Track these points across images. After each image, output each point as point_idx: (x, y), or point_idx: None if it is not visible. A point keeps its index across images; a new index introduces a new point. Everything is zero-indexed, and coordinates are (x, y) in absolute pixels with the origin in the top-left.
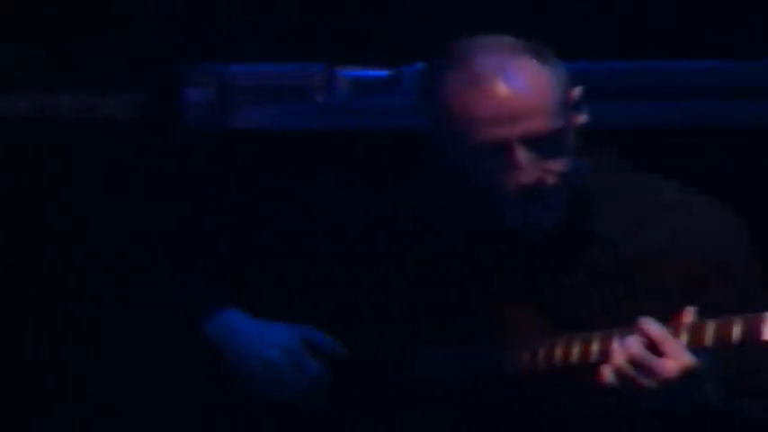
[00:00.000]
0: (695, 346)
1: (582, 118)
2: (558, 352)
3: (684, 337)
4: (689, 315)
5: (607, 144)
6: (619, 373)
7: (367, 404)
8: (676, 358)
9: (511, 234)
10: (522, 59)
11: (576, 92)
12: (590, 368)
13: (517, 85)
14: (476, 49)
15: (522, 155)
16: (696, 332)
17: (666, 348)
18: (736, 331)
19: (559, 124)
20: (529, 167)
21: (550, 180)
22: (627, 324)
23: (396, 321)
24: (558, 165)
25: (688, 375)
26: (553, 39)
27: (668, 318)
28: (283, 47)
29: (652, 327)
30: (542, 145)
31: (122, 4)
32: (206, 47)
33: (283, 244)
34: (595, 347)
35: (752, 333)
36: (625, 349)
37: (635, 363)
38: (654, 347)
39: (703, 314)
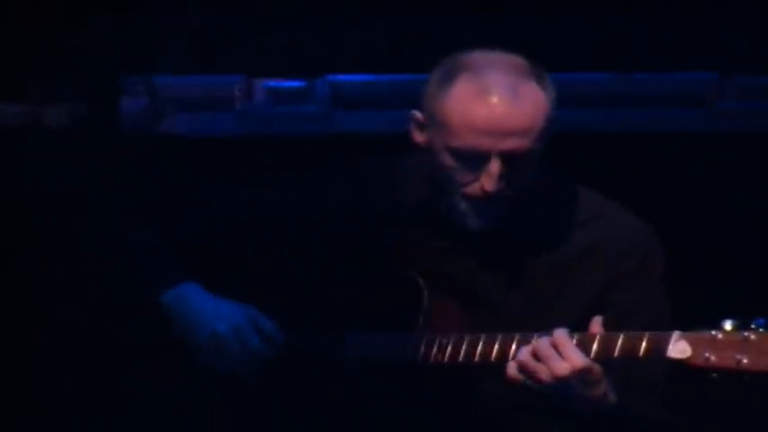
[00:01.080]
0: (604, 356)
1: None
2: (480, 348)
3: (595, 347)
4: (597, 325)
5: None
6: (521, 366)
7: (302, 381)
8: (570, 360)
9: (452, 231)
10: (528, 83)
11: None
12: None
13: (519, 107)
14: (490, 63)
15: (497, 166)
16: (606, 344)
17: (563, 350)
18: (644, 347)
19: (537, 146)
20: (498, 177)
21: (508, 192)
22: (550, 320)
23: (333, 307)
24: (520, 179)
25: (581, 376)
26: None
27: (584, 315)
28: (208, 60)
29: (556, 331)
30: (516, 161)
31: (64, 20)
32: (140, 60)
33: (235, 231)
34: (514, 347)
35: (658, 350)
36: (531, 346)
37: (537, 357)
38: (555, 348)
39: (613, 313)
